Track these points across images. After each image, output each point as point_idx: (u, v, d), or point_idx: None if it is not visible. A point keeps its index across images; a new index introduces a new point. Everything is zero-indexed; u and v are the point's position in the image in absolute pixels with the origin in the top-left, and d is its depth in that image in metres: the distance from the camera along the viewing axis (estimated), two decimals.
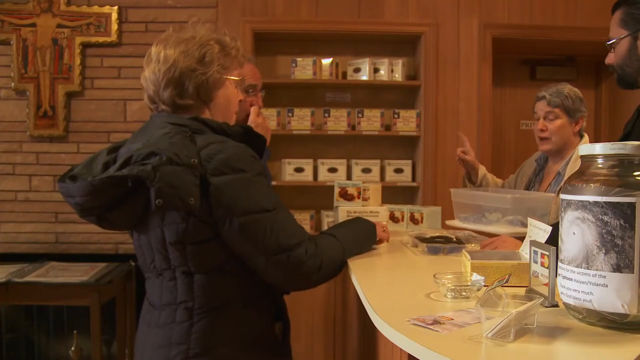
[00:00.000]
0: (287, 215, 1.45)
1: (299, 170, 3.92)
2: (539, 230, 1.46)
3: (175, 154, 1.32)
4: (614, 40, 1.82)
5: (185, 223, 1.35)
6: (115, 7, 3.88)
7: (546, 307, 1.20)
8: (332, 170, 3.94)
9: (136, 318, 3.62)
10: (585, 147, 1.12)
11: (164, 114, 1.49)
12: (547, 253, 1.21)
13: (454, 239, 2.01)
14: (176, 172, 1.31)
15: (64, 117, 3.88)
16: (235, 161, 1.37)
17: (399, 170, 4.00)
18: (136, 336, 1.56)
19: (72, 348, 3.37)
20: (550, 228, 1.42)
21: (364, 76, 3.93)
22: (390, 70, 3.95)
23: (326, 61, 3.94)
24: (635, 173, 1.04)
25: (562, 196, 1.13)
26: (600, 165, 1.09)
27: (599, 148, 1.08)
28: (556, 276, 1.17)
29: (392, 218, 2.61)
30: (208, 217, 1.36)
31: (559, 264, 1.14)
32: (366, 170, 3.96)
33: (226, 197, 1.35)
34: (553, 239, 1.25)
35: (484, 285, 1.33)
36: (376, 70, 3.96)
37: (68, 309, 3.75)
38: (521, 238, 1.99)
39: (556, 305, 1.20)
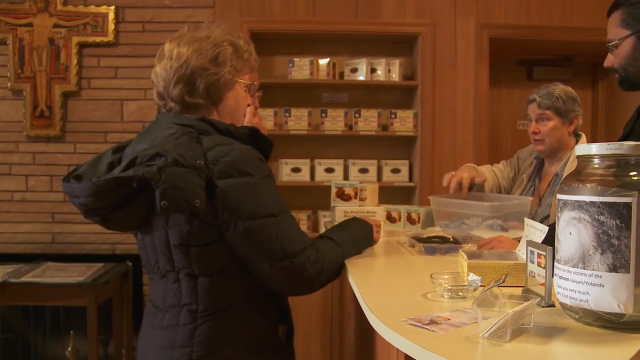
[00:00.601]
0: (291, 221, 1.45)
1: (296, 170, 3.92)
2: (536, 230, 1.46)
3: (181, 155, 1.31)
4: (616, 41, 1.79)
5: (190, 225, 1.35)
6: (112, 7, 3.87)
7: (543, 307, 1.20)
8: (329, 170, 3.94)
9: (133, 318, 3.64)
10: (582, 147, 1.12)
11: (171, 114, 1.48)
12: (544, 253, 1.21)
13: (451, 239, 2.02)
14: (182, 173, 1.29)
15: (61, 117, 3.87)
16: (242, 164, 1.36)
17: (396, 171, 4.00)
18: (139, 337, 1.56)
19: (69, 348, 3.36)
20: (546, 228, 1.42)
21: (361, 76, 3.93)
22: (388, 70, 3.95)
23: (323, 61, 3.94)
24: (632, 173, 1.05)
25: (559, 196, 1.13)
26: (596, 166, 1.09)
27: (595, 148, 1.09)
28: (553, 276, 1.17)
29: (389, 218, 2.61)
30: (213, 219, 1.35)
31: (556, 264, 1.14)
32: (363, 171, 3.96)
33: (232, 201, 1.34)
34: (550, 239, 1.25)
35: (481, 285, 1.33)
36: (373, 71, 3.96)
37: (65, 309, 3.75)
38: (517, 238, 2.00)
39: (553, 305, 1.20)
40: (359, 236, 1.80)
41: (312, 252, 1.44)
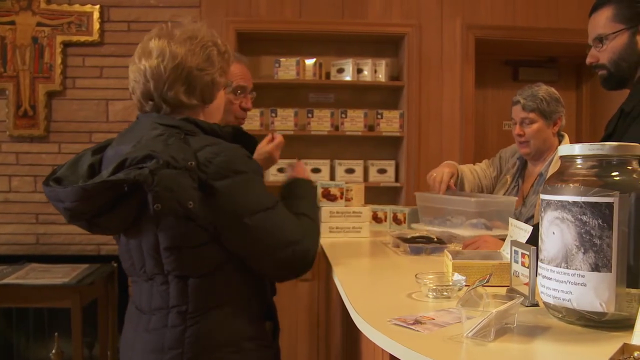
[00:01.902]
0: (285, 210, 1.45)
1: (282, 170, 3.91)
2: (520, 230, 1.47)
3: (172, 157, 1.29)
4: (610, 34, 1.75)
5: (182, 227, 1.33)
6: (97, 6, 3.84)
7: (526, 306, 1.21)
8: (316, 170, 3.94)
9: (118, 320, 3.61)
10: (565, 148, 1.13)
11: (154, 114, 1.44)
12: (528, 253, 1.22)
13: (435, 239, 2.02)
14: (173, 175, 1.28)
15: (45, 117, 3.83)
16: (234, 163, 1.36)
17: (382, 171, 4.01)
18: (121, 341, 1.54)
19: (53, 351, 3.32)
20: (530, 228, 1.43)
21: (348, 77, 3.94)
22: (374, 70, 3.96)
23: (310, 61, 3.94)
24: (614, 173, 1.06)
25: (542, 196, 1.14)
26: (579, 166, 1.10)
27: (578, 149, 1.09)
28: (536, 276, 1.18)
29: (375, 218, 2.61)
30: (206, 220, 1.33)
31: (539, 263, 1.14)
32: (349, 171, 3.96)
33: (232, 200, 1.33)
34: (534, 239, 1.26)
35: (465, 285, 1.33)
36: (360, 71, 3.96)
37: (49, 311, 3.71)
38: (501, 236, 2.01)
39: (536, 305, 1.21)
40: (316, 201, 1.78)
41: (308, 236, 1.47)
